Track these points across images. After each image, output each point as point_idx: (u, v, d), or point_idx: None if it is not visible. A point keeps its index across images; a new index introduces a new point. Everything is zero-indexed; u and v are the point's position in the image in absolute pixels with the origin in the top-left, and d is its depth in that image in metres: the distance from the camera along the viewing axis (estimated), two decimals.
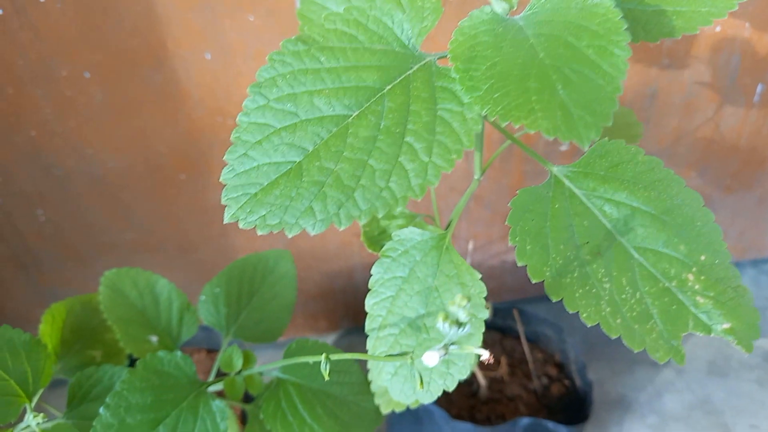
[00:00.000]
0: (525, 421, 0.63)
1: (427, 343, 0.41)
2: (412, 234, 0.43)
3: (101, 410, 0.41)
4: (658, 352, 0.30)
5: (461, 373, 0.40)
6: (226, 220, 0.28)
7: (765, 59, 0.76)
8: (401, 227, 0.52)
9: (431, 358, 0.26)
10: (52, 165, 0.74)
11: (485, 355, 0.27)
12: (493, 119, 0.26)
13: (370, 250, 0.49)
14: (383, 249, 0.44)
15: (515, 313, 0.73)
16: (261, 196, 0.28)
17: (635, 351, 0.30)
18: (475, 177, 0.45)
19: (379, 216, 0.27)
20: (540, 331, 0.77)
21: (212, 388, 0.45)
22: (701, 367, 0.94)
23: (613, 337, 0.31)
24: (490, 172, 0.82)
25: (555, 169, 0.35)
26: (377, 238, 0.50)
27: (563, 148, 0.82)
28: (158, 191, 0.78)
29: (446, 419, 0.64)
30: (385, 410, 0.49)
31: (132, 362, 0.53)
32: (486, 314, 0.40)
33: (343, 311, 0.96)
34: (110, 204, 0.79)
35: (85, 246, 0.83)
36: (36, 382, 0.46)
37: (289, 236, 0.27)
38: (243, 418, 0.62)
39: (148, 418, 0.42)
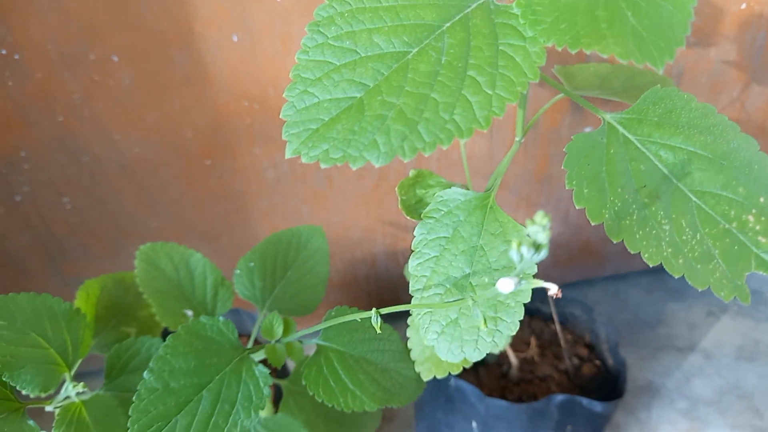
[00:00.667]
0: (559, 398, 0.62)
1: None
2: (455, 194, 0.43)
3: (145, 374, 0.40)
4: (722, 291, 0.30)
5: (510, 329, 0.40)
6: (288, 155, 0.28)
7: None
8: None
9: (506, 284, 0.26)
10: (80, 151, 0.74)
11: (554, 289, 0.26)
12: (561, 48, 0.26)
13: (408, 217, 0.49)
14: (426, 210, 0.44)
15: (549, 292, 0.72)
16: (323, 131, 0.28)
17: (699, 289, 0.30)
18: (517, 138, 0.45)
19: (444, 147, 0.27)
20: (568, 312, 0.76)
21: (253, 356, 0.45)
22: (730, 353, 0.93)
23: (677, 276, 0.31)
24: (515, 157, 0.82)
25: (608, 116, 0.35)
26: (414, 206, 0.50)
27: (587, 129, 0.82)
28: (183, 177, 0.78)
29: (480, 397, 0.63)
30: (426, 377, 0.49)
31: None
32: (535, 269, 0.39)
33: (366, 300, 0.96)
34: (136, 191, 0.79)
35: (111, 235, 0.83)
36: (75, 352, 0.46)
37: (354, 168, 0.27)
38: (276, 398, 0.61)
39: (192, 382, 0.41)
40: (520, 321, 0.74)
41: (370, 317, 0.50)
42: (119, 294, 0.56)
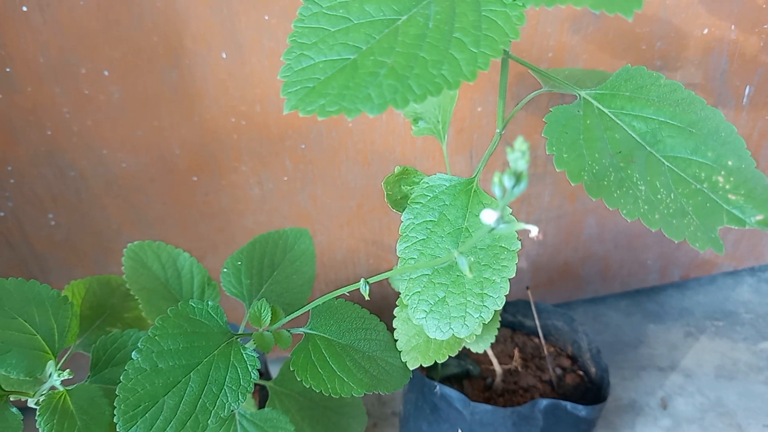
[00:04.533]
0: (544, 402, 0.63)
1: (461, 280, 0.42)
2: (440, 180, 0.44)
3: (133, 354, 0.40)
4: (697, 242, 0.32)
5: (496, 304, 0.41)
6: (286, 111, 0.29)
7: (751, 61, 0.81)
8: None
9: (489, 215, 0.27)
10: (67, 166, 0.74)
11: (534, 231, 0.28)
12: (538, 7, 0.28)
13: (394, 210, 0.50)
14: (413, 196, 0.45)
15: (530, 297, 0.74)
16: (319, 88, 0.30)
17: (676, 241, 0.32)
18: (497, 130, 0.47)
19: (435, 97, 0.28)
20: (551, 323, 0.77)
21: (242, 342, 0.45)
22: (709, 372, 0.94)
23: (654, 230, 0.32)
24: (497, 151, 0.84)
25: (583, 93, 0.37)
26: (400, 201, 0.52)
27: None
28: (170, 194, 0.79)
29: (465, 402, 0.63)
30: (412, 366, 0.49)
31: None
32: (518, 245, 0.41)
33: None
34: (122, 208, 0.79)
35: (95, 252, 0.82)
36: (62, 340, 0.46)
37: (350, 119, 0.28)
38: (261, 399, 0.61)
39: (180, 363, 0.41)
40: (504, 336, 0.75)
41: (357, 311, 0.51)
42: (105, 295, 0.56)
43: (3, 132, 0.71)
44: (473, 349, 0.57)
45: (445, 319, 0.41)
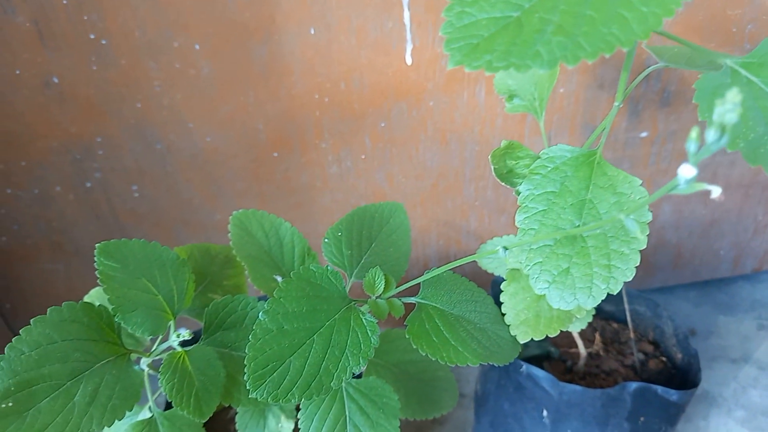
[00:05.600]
0: (633, 385, 0.62)
1: (586, 251, 0.42)
2: (561, 151, 0.44)
3: (260, 315, 0.41)
4: None
5: (625, 275, 0.41)
6: (450, 66, 0.29)
7: None
8: (527, 166, 0.53)
9: (687, 169, 0.27)
10: (154, 139, 0.76)
11: (717, 192, 0.27)
12: None
13: (502, 183, 0.50)
14: (532, 167, 0.45)
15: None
16: (484, 45, 0.29)
17: None
18: (616, 103, 0.46)
19: (607, 56, 0.28)
20: (632, 308, 0.76)
21: None
22: None
23: None
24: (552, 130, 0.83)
25: (729, 61, 0.36)
26: (506, 175, 0.52)
27: (643, 135, 0.83)
28: (251, 169, 0.80)
29: (553, 382, 0.63)
30: (522, 339, 0.49)
31: None
32: (650, 217, 0.40)
33: None
34: (203, 182, 0.80)
35: (176, 225, 0.84)
36: (180, 301, 0.47)
37: (519, 71, 0.28)
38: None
39: (304, 326, 0.42)
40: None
41: (465, 284, 0.51)
42: (205, 263, 0.57)
43: (95, 104, 0.72)
44: (570, 329, 0.57)
45: (569, 290, 0.41)
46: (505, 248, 0.37)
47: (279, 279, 0.54)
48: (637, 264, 0.39)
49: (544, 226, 0.43)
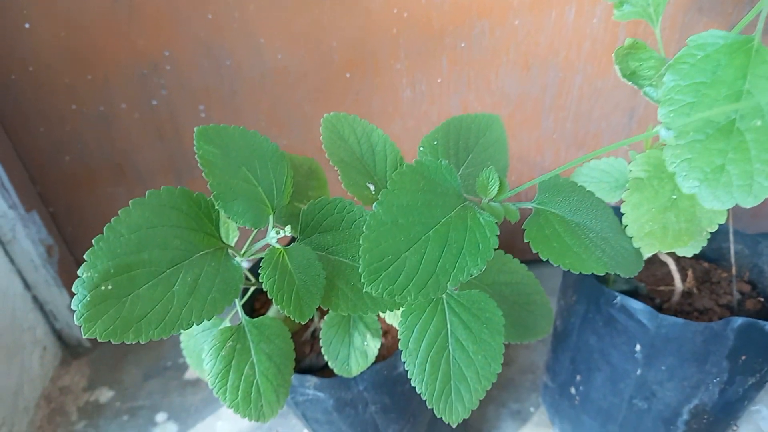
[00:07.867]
0: (739, 320, 0.57)
1: (744, 146, 0.37)
2: (713, 38, 0.39)
3: (375, 206, 0.37)
4: None
5: None
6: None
7: None
8: (652, 68, 0.48)
9: None
10: (224, 55, 0.72)
11: None
12: None
13: (623, 80, 0.46)
14: (678, 55, 0.40)
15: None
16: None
17: None
18: None
19: None
20: (726, 246, 0.71)
21: None
22: None
23: None
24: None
25: None
26: (629, 76, 0.47)
27: None
28: (321, 91, 0.76)
29: (652, 315, 0.59)
30: (647, 252, 0.45)
31: None
32: None
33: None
34: (271, 105, 0.77)
35: None
36: (279, 196, 0.43)
37: None
38: None
39: (419, 220, 0.38)
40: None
41: (582, 190, 0.47)
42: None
43: (167, 15, 0.69)
44: (681, 254, 0.53)
45: (725, 188, 0.37)
46: (668, 128, 0.32)
47: (372, 187, 0.50)
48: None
49: (693, 120, 0.38)
